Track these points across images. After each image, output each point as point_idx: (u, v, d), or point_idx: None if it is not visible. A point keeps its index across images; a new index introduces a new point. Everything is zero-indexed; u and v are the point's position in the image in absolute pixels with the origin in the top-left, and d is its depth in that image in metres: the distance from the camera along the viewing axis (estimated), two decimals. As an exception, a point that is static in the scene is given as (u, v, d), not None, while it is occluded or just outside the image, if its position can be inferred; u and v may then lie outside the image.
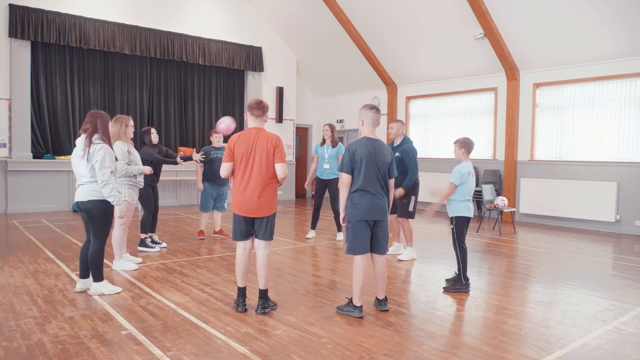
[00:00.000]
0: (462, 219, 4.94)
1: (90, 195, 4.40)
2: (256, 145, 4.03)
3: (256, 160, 4.02)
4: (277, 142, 4.09)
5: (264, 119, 4.18)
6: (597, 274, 5.98)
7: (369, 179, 4.06)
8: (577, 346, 3.57)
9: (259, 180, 4.03)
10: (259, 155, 4.02)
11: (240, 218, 4.12)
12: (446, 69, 11.62)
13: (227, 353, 3.33)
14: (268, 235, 4.15)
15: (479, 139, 11.23)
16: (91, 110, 4.60)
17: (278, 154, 4.06)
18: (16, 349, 3.32)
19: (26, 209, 10.19)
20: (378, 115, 4.25)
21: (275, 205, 4.16)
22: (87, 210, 4.44)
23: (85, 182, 4.42)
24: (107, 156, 4.34)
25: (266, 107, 4.19)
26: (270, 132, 4.16)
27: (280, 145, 4.09)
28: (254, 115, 4.15)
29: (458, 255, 4.96)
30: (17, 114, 10.13)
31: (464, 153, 5.03)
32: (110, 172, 4.34)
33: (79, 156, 4.40)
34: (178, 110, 12.85)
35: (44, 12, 10.25)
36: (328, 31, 12.82)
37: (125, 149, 5.47)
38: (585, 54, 9.27)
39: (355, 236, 4.08)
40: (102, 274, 4.62)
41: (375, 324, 3.95)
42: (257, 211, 4.05)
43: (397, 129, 6.30)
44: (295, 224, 9.69)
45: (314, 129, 15.75)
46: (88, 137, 4.36)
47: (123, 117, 5.58)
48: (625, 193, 8.96)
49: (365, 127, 4.24)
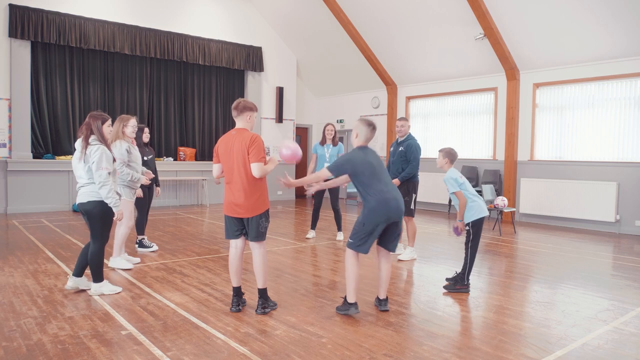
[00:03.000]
0: (478, 220, 4.88)
1: (89, 197, 4.40)
2: (233, 146, 4.00)
3: (235, 161, 3.99)
4: (251, 141, 3.93)
5: (245, 118, 4.07)
6: (597, 274, 5.98)
7: (383, 181, 4.10)
8: (577, 346, 3.57)
9: (241, 182, 3.99)
10: (236, 157, 3.98)
11: (229, 218, 4.13)
12: (446, 69, 11.63)
13: (227, 353, 3.33)
14: (259, 236, 4.08)
15: (479, 139, 11.22)
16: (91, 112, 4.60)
17: (252, 153, 3.92)
18: (16, 349, 3.32)
19: (26, 209, 10.19)
20: (373, 134, 4.22)
21: (262, 205, 4.07)
22: (87, 211, 4.45)
23: (85, 184, 4.43)
24: (103, 157, 4.33)
25: (242, 107, 4.06)
26: (250, 132, 4.05)
27: (255, 144, 3.93)
28: (234, 116, 4.12)
29: (468, 255, 4.89)
30: (17, 114, 10.14)
31: (447, 162, 5.02)
32: (107, 173, 4.33)
33: (77, 158, 4.42)
34: (178, 110, 12.85)
35: (44, 12, 10.25)
36: (328, 31, 12.82)
37: (124, 148, 5.45)
38: (586, 54, 9.27)
39: (368, 238, 4.06)
40: (102, 274, 4.62)
41: (375, 324, 3.95)
42: (244, 212, 4.03)
43: (407, 127, 6.44)
44: (295, 224, 9.69)
45: (314, 129, 15.75)
46: (84, 139, 4.37)
47: (124, 117, 5.59)
48: (625, 193, 8.96)
49: (358, 140, 4.21)
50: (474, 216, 4.87)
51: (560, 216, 9.79)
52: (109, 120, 4.53)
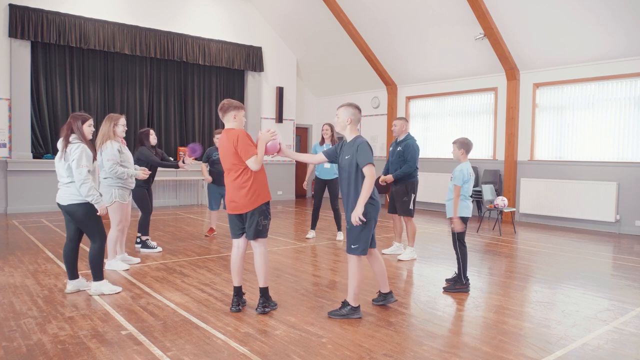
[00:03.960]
0: (461, 219, 4.95)
1: (70, 199, 4.38)
2: (223, 146, 4.10)
3: (227, 160, 4.07)
4: (236, 139, 3.95)
5: (230, 118, 4.10)
6: (597, 274, 5.98)
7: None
8: (577, 346, 3.57)
9: (233, 178, 4.06)
10: (224, 155, 4.09)
11: (231, 216, 4.20)
12: (446, 69, 11.62)
13: (227, 353, 3.33)
14: (257, 234, 4.07)
15: (479, 139, 11.22)
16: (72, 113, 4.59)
17: (241, 151, 3.95)
18: (16, 349, 3.32)
19: (26, 209, 10.20)
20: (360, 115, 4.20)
21: (259, 198, 4.04)
22: (70, 213, 4.44)
23: (66, 183, 4.41)
24: (83, 155, 4.30)
25: (226, 107, 4.11)
26: (236, 129, 4.06)
27: (239, 140, 3.94)
28: (221, 118, 4.18)
29: (458, 254, 4.96)
30: (17, 114, 10.14)
31: (463, 153, 5.03)
32: (87, 171, 4.29)
33: (58, 157, 4.41)
34: (178, 110, 12.85)
35: (44, 12, 10.25)
36: (328, 31, 12.82)
37: (116, 148, 5.38)
38: (586, 54, 9.27)
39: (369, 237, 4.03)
40: (103, 273, 4.62)
41: (375, 324, 3.95)
42: (242, 206, 4.05)
43: (400, 126, 6.40)
44: (295, 224, 9.69)
45: (314, 129, 15.75)
46: (65, 138, 4.36)
47: (113, 116, 5.51)
48: (625, 193, 8.95)
49: (352, 125, 4.09)
50: (458, 214, 4.92)
51: (560, 216, 9.79)
52: (89, 120, 4.49)
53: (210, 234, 7.83)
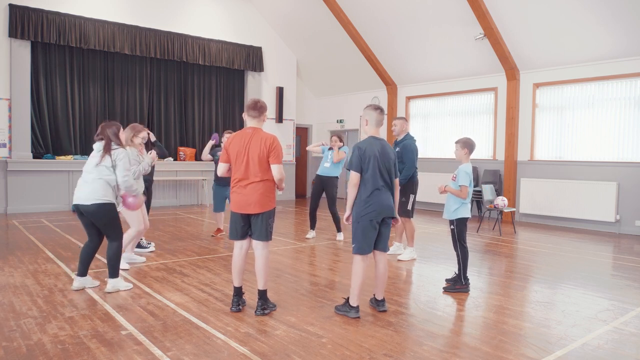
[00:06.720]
0: (461, 219, 4.94)
1: (94, 199, 4.48)
2: (250, 144, 4.04)
3: (250, 159, 4.02)
4: (272, 143, 4.04)
5: (261, 119, 4.18)
6: (597, 274, 5.98)
7: (378, 178, 4.06)
8: (577, 346, 3.57)
9: (253, 180, 4.03)
10: (252, 155, 4.02)
11: (237, 216, 4.13)
12: (446, 69, 11.62)
13: (227, 353, 3.33)
14: (264, 234, 4.09)
15: (479, 139, 11.18)
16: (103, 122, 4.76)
17: (273, 155, 4.02)
18: (16, 349, 3.32)
19: (26, 209, 10.19)
20: (382, 116, 4.24)
21: (271, 203, 4.11)
22: (91, 213, 4.52)
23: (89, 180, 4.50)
24: (128, 159, 4.67)
25: (263, 108, 4.17)
26: (267, 133, 4.12)
27: (276, 146, 4.04)
28: (251, 116, 4.16)
29: (459, 255, 4.96)
30: (17, 114, 10.13)
31: (467, 153, 4.98)
32: (132, 172, 4.73)
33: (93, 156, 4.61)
34: (178, 110, 12.85)
35: (44, 12, 10.25)
36: (328, 31, 12.82)
37: (135, 154, 5.56)
38: (586, 54, 9.27)
39: (365, 236, 4.05)
40: (118, 270, 4.75)
41: (375, 324, 3.95)
42: (253, 207, 4.04)
43: (400, 126, 6.36)
44: (295, 224, 9.69)
45: (314, 129, 15.75)
46: (106, 147, 4.55)
47: (137, 127, 5.77)
48: (625, 193, 8.95)
49: (369, 127, 4.22)
50: (458, 215, 4.94)
51: (560, 216, 9.79)
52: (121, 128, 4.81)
53: (218, 234, 7.82)
